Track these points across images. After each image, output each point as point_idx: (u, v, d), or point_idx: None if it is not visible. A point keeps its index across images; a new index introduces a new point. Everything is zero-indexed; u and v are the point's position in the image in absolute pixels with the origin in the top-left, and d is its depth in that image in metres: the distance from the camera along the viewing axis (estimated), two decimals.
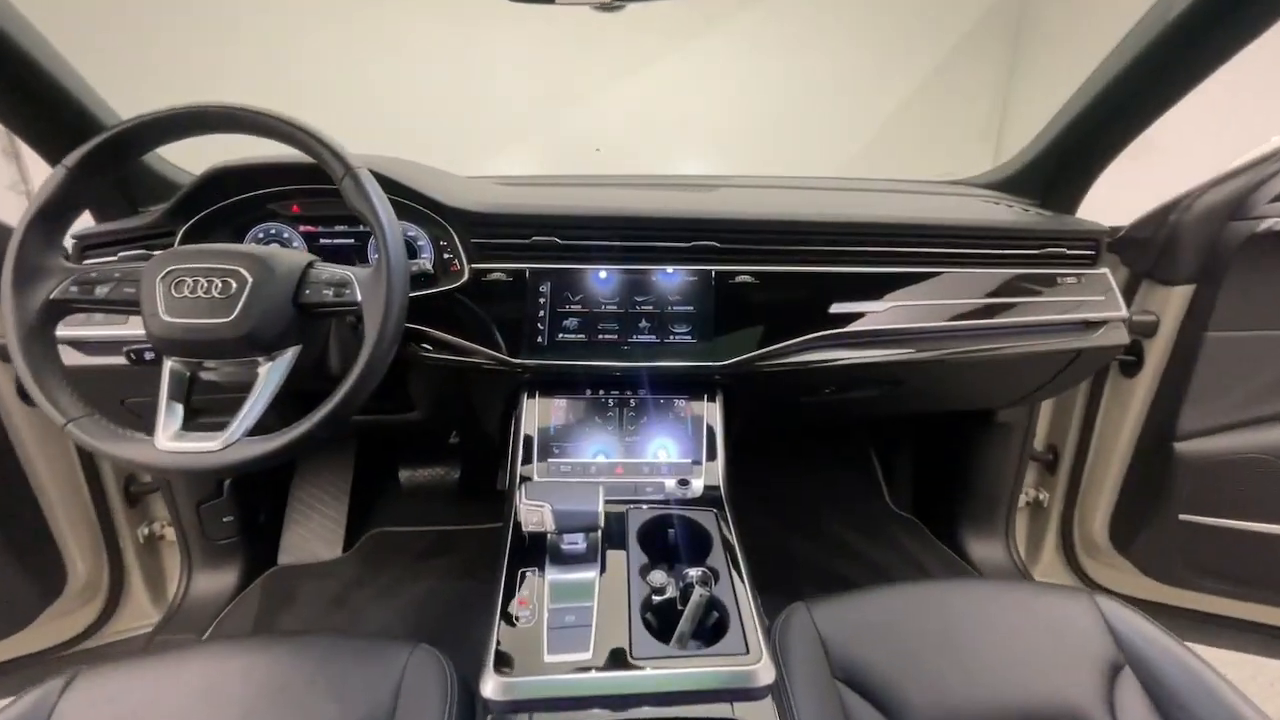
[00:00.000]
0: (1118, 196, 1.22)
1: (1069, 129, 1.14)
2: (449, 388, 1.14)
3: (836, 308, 1.02)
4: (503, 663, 0.67)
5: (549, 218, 1.04)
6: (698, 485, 0.94)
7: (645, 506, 0.90)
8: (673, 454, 0.99)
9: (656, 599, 0.76)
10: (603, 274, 1.04)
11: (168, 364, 0.77)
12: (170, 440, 0.73)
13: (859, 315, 1.03)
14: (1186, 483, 1.30)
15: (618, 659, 0.67)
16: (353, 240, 1.10)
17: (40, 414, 0.77)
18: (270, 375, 0.77)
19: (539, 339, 1.01)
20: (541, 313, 1.02)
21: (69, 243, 1.03)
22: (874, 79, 3.56)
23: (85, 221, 1.11)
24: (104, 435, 0.73)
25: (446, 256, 1.08)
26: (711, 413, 1.03)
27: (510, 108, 3.09)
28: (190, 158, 1.10)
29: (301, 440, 0.73)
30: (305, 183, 1.02)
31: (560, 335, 1.02)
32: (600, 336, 1.02)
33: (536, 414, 1.03)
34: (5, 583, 1.25)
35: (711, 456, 0.98)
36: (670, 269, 1.04)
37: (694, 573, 0.77)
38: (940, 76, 3.63)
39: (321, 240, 1.10)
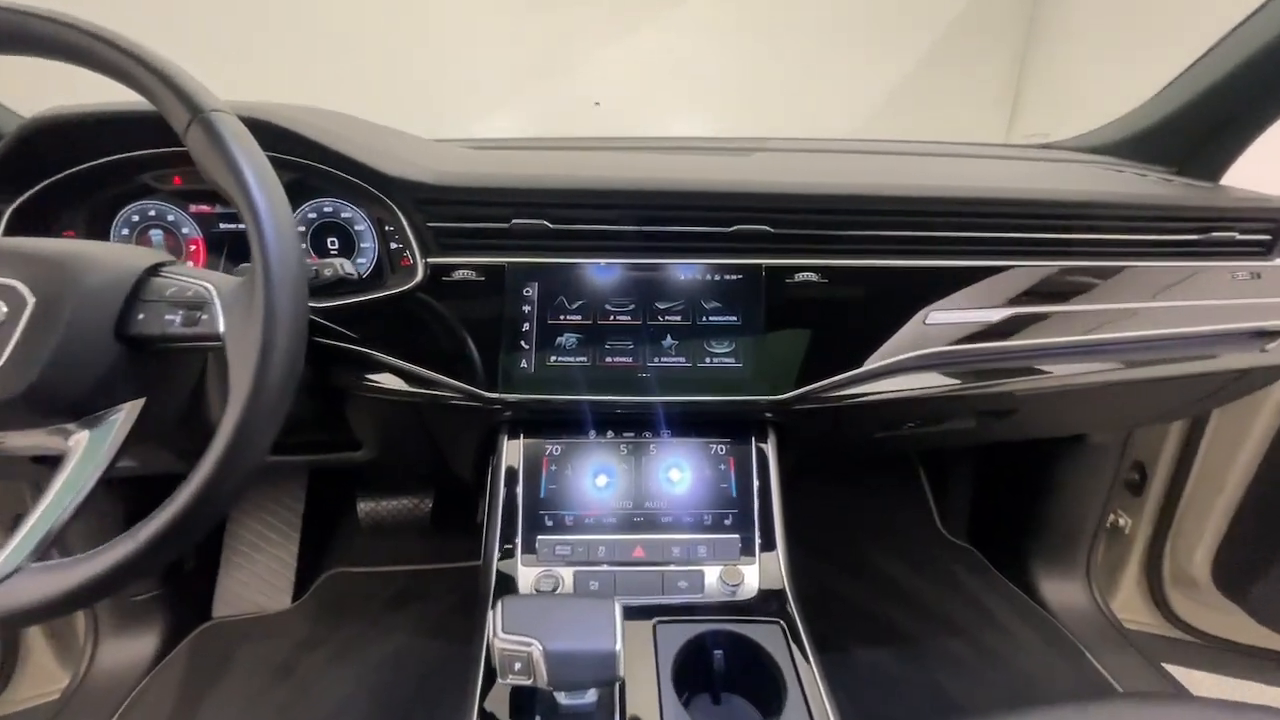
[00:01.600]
0: None
1: (1229, 79, 0.85)
2: (403, 424, 0.85)
3: (936, 316, 0.74)
4: None
5: (535, 192, 0.75)
6: (751, 581, 0.67)
7: (672, 614, 0.63)
8: (713, 527, 0.71)
9: None
10: (611, 270, 0.75)
11: None
12: None
13: (965, 326, 0.74)
14: None
15: None
16: None
17: None
18: (88, 452, 0.48)
19: (523, 363, 0.73)
20: (526, 325, 0.73)
21: None
22: (883, 34, 3.25)
23: None
24: None
25: (394, 247, 0.79)
26: (763, 463, 0.75)
27: (489, 60, 2.72)
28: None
29: (121, 571, 0.44)
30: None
31: (553, 357, 0.73)
32: (608, 359, 0.73)
33: (521, 465, 0.74)
34: None
35: (768, 540, 0.70)
36: (704, 263, 0.75)
37: None
38: (953, 34, 3.33)
39: (221, 225, 0.80)
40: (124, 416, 0.49)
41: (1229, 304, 0.80)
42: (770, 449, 0.76)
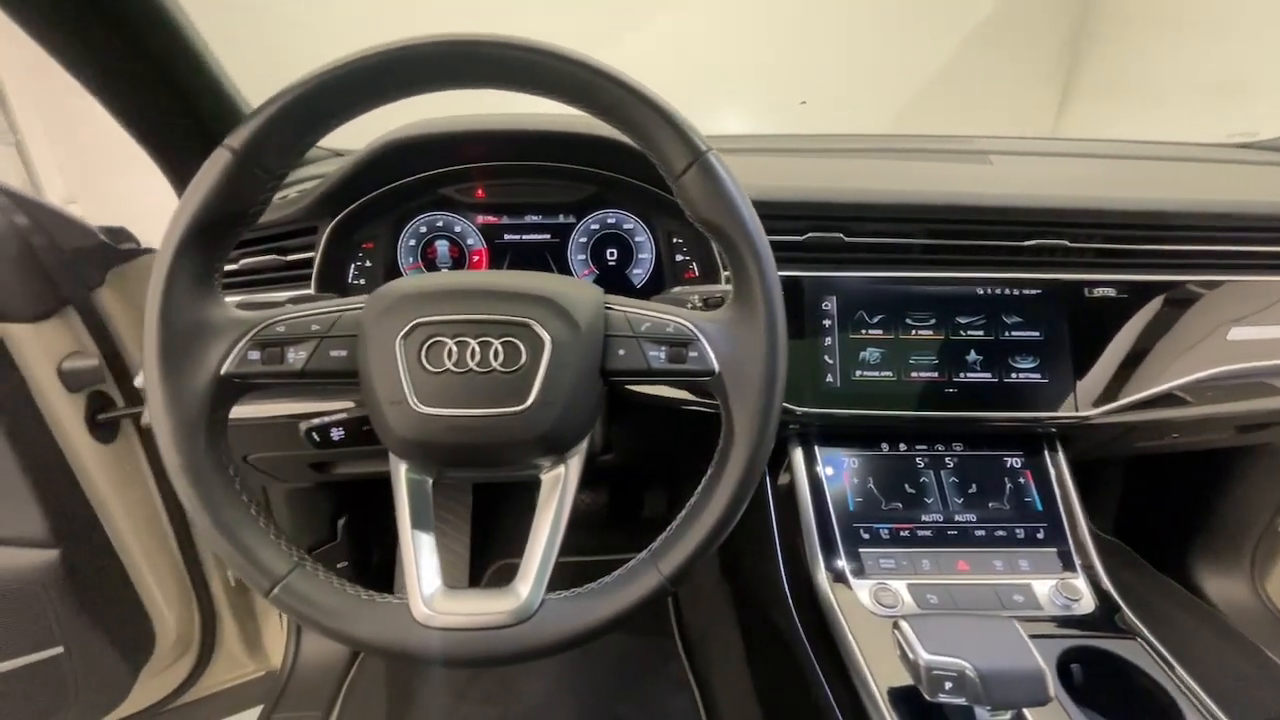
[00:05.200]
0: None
1: None
2: (673, 432, 0.86)
3: (1238, 332, 0.74)
4: None
5: (835, 206, 0.75)
6: (1088, 596, 0.68)
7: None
8: (1027, 541, 0.72)
9: None
10: (910, 284, 0.75)
11: (402, 472, 0.49)
12: (435, 609, 0.46)
13: (1267, 343, 0.75)
14: None
15: None
16: (549, 236, 0.80)
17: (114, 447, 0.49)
18: (566, 485, 0.50)
19: (828, 378, 0.73)
20: (828, 340, 0.74)
21: None
22: (930, 13, 3.17)
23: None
24: (332, 603, 0.46)
25: (680, 259, 0.79)
26: (1060, 476, 0.76)
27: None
28: None
29: (644, 603, 0.46)
30: (507, 156, 0.72)
31: (858, 372, 0.74)
32: (913, 375, 0.74)
33: (825, 478, 0.75)
34: (96, 651, 1.02)
35: (1084, 554, 0.72)
36: (1004, 277, 0.75)
37: None
38: (1003, 10, 3.23)
39: (506, 236, 0.80)
40: (584, 451, 0.51)
41: None
42: (1064, 462, 0.76)
